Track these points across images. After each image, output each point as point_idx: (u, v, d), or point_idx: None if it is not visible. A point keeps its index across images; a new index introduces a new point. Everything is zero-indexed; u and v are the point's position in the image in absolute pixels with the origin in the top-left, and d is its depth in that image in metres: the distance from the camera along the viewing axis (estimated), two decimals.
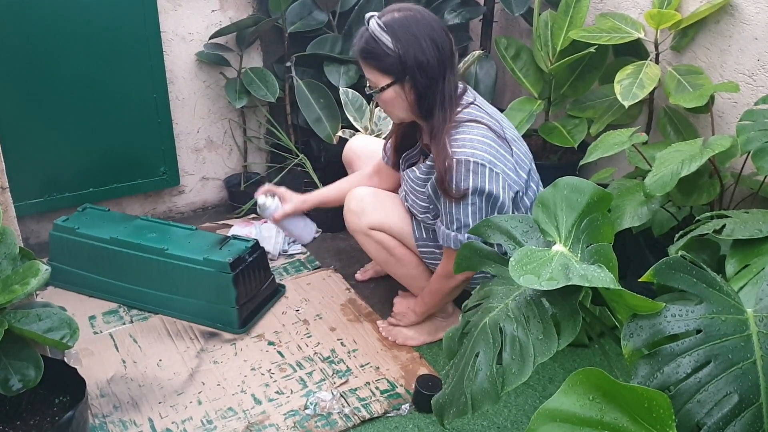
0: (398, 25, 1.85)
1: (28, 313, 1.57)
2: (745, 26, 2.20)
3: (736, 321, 1.15)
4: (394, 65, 1.87)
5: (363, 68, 1.95)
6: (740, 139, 1.85)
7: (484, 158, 1.87)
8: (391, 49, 1.85)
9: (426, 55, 1.85)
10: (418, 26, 1.86)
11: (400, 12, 1.87)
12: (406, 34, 1.85)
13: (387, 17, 1.87)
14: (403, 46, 1.84)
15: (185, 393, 2.05)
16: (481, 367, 1.28)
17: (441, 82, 1.90)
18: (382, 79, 1.91)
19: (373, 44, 1.87)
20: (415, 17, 1.87)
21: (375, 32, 1.86)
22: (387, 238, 2.17)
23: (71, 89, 2.62)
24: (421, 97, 1.91)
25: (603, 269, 1.20)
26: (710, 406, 1.08)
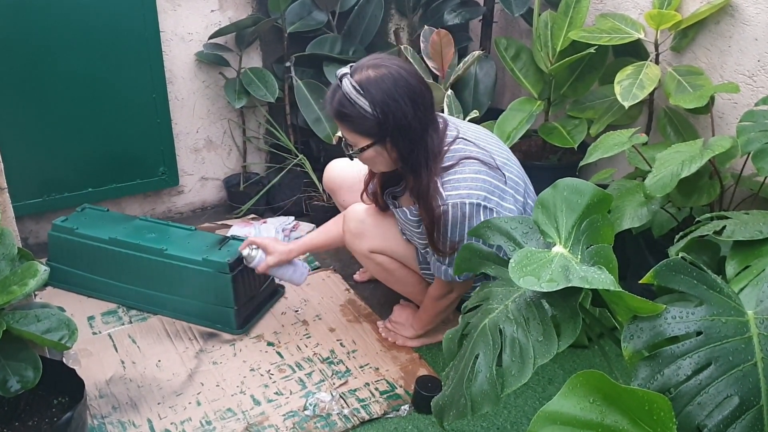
0: (375, 87, 1.74)
1: (27, 313, 1.57)
2: (745, 27, 2.19)
3: (737, 323, 1.15)
4: (372, 128, 1.77)
5: (339, 127, 1.85)
6: (740, 140, 1.85)
7: (479, 196, 1.82)
8: (369, 113, 1.75)
9: (407, 118, 1.76)
10: (395, 86, 1.74)
11: (376, 70, 1.75)
12: (383, 96, 1.74)
13: (361, 76, 1.75)
14: (382, 110, 1.74)
15: (184, 394, 2.05)
16: (481, 369, 1.28)
17: (424, 140, 1.81)
18: (360, 140, 1.82)
19: (349, 107, 1.76)
20: (391, 76, 1.75)
21: (350, 95, 1.75)
22: (388, 261, 2.15)
23: (70, 89, 2.62)
24: (405, 156, 1.83)
25: (603, 271, 1.20)
26: (711, 408, 1.08)
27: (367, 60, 1.80)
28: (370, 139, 1.80)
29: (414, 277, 2.19)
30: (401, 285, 2.24)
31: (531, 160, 2.84)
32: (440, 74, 2.65)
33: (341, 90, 1.76)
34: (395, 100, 1.74)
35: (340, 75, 1.77)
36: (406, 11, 3.17)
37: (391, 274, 2.19)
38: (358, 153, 1.85)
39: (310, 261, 2.74)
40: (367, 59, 1.80)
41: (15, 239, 1.65)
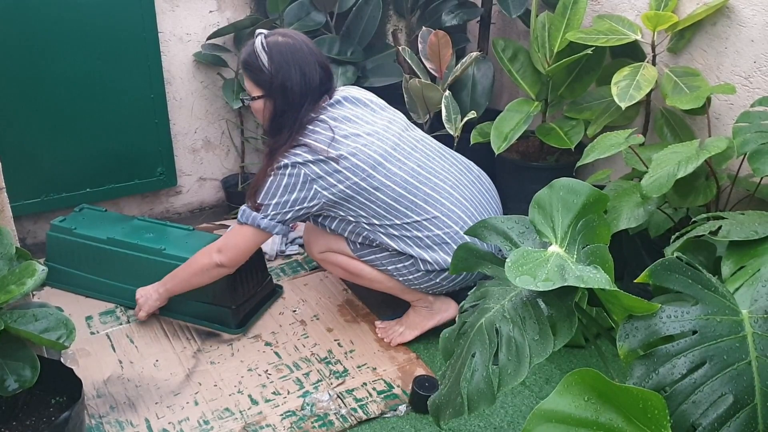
0: (276, 49, 2.03)
1: (25, 313, 1.57)
2: (741, 28, 2.20)
3: (732, 322, 1.16)
4: (264, 82, 2.05)
5: (243, 75, 2.13)
6: (736, 141, 1.86)
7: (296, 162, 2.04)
8: (266, 67, 2.03)
9: (291, 83, 2.03)
10: (294, 54, 2.04)
11: (284, 37, 2.06)
12: (280, 58, 2.03)
13: (271, 39, 2.05)
14: (275, 68, 2.02)
15: (182, 393, 2.05)
16: (477, 368, 1.28)
17: (297, 109, 2.06)
18: (254, 89, 2.09)
19: (253, 58, 2.05)
20: (295, 46, 2.05)
21: (257, 49, 2.04)
22: (337, 257, 2.26)
23: (69, 89, 2.62)
24: (276, 116, 2.08)
25: (599, 270, 1.20)
26: (705, 406, 1.09)
27: (284, 29, 2.14)
28: (260, 91, 2.08)
29: (365, 267, 2.24)
30: (362, 279, 2.28)
31: (528, 161, 2.85)
32: (438, 75, 2.65)
33: (253, 44, 2.06)
34: (288, 65, 2.03)
35: (258, 33, 2.07)
36: (404, 12, 3.18)
37: (346, 269, 2.27)
38: (249, 100, 2.12)
39: (308, 261, 2.75)
40: (286, 29, 2.16)
41: (13, 239, 1.66)
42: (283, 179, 2.03)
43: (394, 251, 2.15)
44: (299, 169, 2.02)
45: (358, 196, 2.06)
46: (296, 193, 2.03)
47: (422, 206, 2.10)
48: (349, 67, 2.92)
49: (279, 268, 2.70)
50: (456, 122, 2.54)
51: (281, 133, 2.07)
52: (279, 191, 2.04)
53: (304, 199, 2.04)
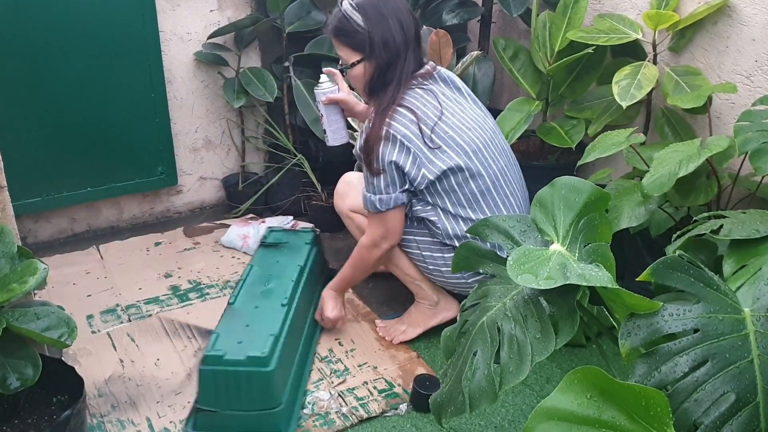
0: (369, 5, 1.99)
1: (26, 311, 1.57)
2: (742, 27, 2.20)
3: (734, 320, 1.15)
4: (363, 42, 2.00)
5: (336, 46, 2.07)
6: (738, 140, 1.86)
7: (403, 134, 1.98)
8: (361, 27, 1.98)
9: (392, 33, 1.99)
10: (386, 6, 2.00)
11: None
12: (375, 13, 1.98)
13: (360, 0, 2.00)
14: (372, 24, 1.98)
15: (183, 392, 2.05)
16: (479, 366, 1.28)
17: (402, 61, 2.02)
18: (352, 55, 2.03)
19: (345, 22, 2.00)
20: (389, 1, 2.00)
21: (347, 11, 1.99)
22: (365, 222, 2.20)
23: (70, 88, 2.62)
24: (381, 73, 2.03)
25: (600, 268, 1.20)
26: (707, 405, 1.09)
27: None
28: (360, 54, 2.02)
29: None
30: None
31: (529, 160, 2.85)
32: None
33: (341, 10, 2.01)
34: (384, 17, 1.99)
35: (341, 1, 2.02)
36: None
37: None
38: (349, 68, 2.05)
39: None
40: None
41: (14, 237, 1.66)
42: (394, 153, 1.99)
43: (439, 240, 2.11)
44: (408, 145, 1.97)
45: (453, 177, 2.03)
46: (407, 168, 2.00)
47: (500, 207, 2.09)
48: None
49: None
50: None
51: (386, 90, 2.03)
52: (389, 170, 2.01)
53: (413, 179, 2.02)
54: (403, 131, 1.98)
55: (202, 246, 2.82)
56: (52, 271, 2.51)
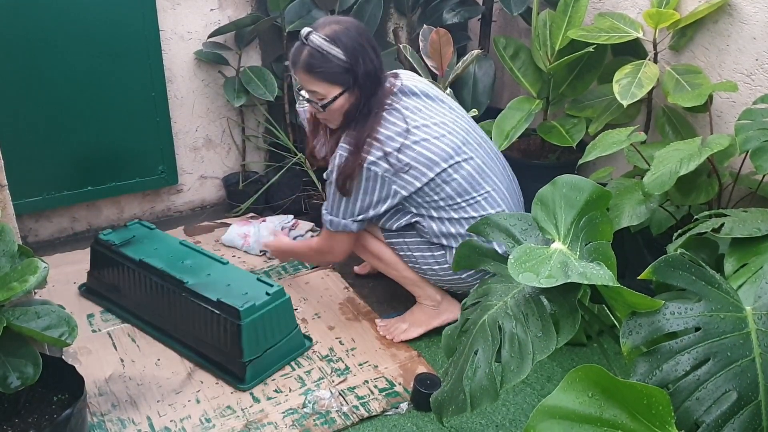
0: (345, 36, 1.93)
1: (27, 310, 1.57)
2: (743, 26, 2.20)
3: (735, 319, 1.15)
4: (343, 75, 1.95)
5: (306, 82, 1.99)
6: (739, 139, 1.86)
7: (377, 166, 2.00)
8: (342, 60, 1.93)
9: (373, 63, 1.98)
10: (360, 35, 1.96)
11: (339, 24, 1.96)
12: (353, 43, 1.94)
13: (328, 30, 1.94)
14: (353, 56, 1.93)
15: (183, 391, 2.05)
16: (480, 365, 1.28)
17: (381, 89, 2.02)
18: (332, 89, 1.97)
19: (321, 58, 1.93)
20: (354, 27, 1.97)
21: (322, 47, 1.92)
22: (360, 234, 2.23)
23: (70, 87, 2.62)
24: (362, 104, 2.00)
25: (602, 267, 1.20)
26: (709, 403, 1.09)
27: (324, 19, 2.01)
28: (341, 87, 1.97)
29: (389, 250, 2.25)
30: (379, 261, 2.29)
31: (530, 158, 2.85)
32: (439, 73, 2.65)
33: (310, 45, 1.93)
34: (363, 47, 1.95)
35: (306, 33, 1.93)
36: (405, 10, 3.18)
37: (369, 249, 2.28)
38: (330, 103, 1.98)
39: None
40: (323, 19, 2.01)
41: (15, 236, 1.66)
42: (361, 183, 2.03)
43: (427, 240, 2.15)
44: (375, 170, 2.00)
45: (426, 188, 2.06)
46: (377, 194, 2.04)
47: (482, 204, 2.11)
48: None
49: (280, 267, 2.70)
50: None
51: (367, 120, 2.01)
52: (359, 195, 2.05)
53: (386, 199, 2.05)
54: (378, 164, 2.00)
55: (202, 245, 2.81)
56: (53, 270, 2.51)
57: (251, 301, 2.04)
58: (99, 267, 2.42)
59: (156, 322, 2.27)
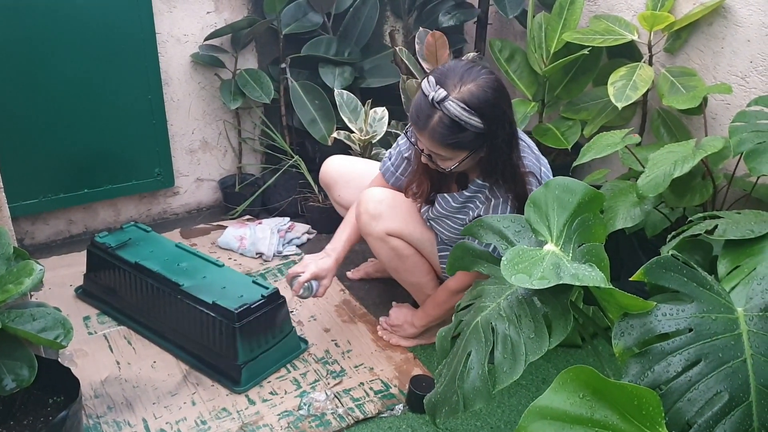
0: (484, 101, 1.71)
1: (22, 312, 1.57)
2: (737, 28, 2.21)
3: (727, 320, 1.16)
4: (476, 142, 1.76)
5: (430, 146, 1.79)
6: (733, 141, 1.86)
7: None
8: (480, 129, 1.73)
9: (513, 125, 1.81)
10: (497, 95, 1.73)
11: (476, 83, 1.72)
12: (493, 110, 1.73)
13: (466, 94, 1.70)
14: (493, 123, 1.74)
15: (179, 394, 2.05)
16: (473, 366, 1.29)
17: (518, 144, 1.86)
18: (458, 154, 1.79)
19: (456, 129, 1.72)
20: (492, 85, 1.73)
21: (461, 117, 1.70)
22: (403, 246, 2.11)
23: (66, 90, 2.62)
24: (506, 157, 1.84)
25: (594, 268, 1.21)
26: (700, 404, 1.09)
27: (456, 74, 1.74)
28: (469, 151, 1.79)
29: (425, 267, 2.16)
30: (409, 274, 2.17)
31: None
32: None
33: (445, 113, 1.71)
34: (503, 111, 1.75)
35: (440, 98, 1.70)
36: (401, 13, 3.18)
37: (404, 260, 2.13)
38: (456, 167, 1.82)
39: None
40: (454, 72, 1.74)
41: (11, 239, 1.66)
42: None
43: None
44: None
45: None
46: None
47: None
48: (347, 68, 2.93)
49: (276, 269, 2.71)
50: None
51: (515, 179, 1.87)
52: None
53: None
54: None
55: (198, 247, 2.81)
56: (49, 272, 2.52)
57: (247, 304, 2.03)
58: (95, 269, 2.42)
59: (152, 324, 2.27)
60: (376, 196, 2.10)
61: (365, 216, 2.09)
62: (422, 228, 2.12)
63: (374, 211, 2.08)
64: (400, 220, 2.09)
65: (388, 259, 2.15)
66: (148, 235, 2.45)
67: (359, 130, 2.71)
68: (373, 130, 2.71)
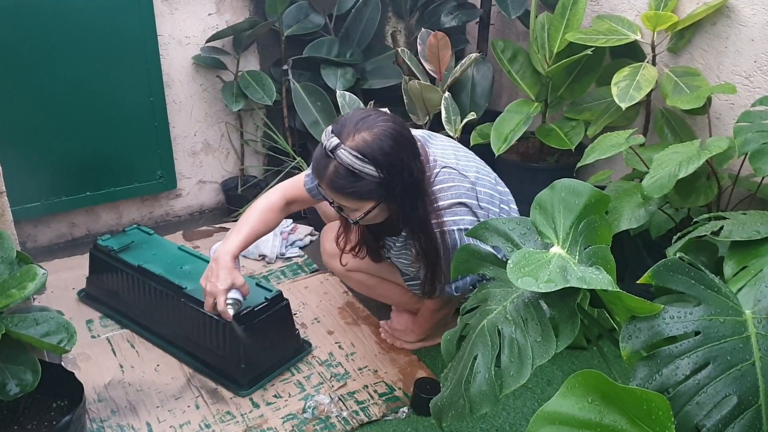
0: (379, 150, 1.66)
1: (26, 317, 1.57)
2: (741, 28, 2.20)
3: (735, 322, 1.15)
4: (378, 191, 1.71)
5: (332, 196, 1.75)
6: (737, 141, 1.86)
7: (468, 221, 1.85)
8: (376, 177, 1.67)
9: (412, 173, 1.72)
10: (396, 144, 1.68)
11: (371, 131, 1.67)
12: (389, 159, 1.67)
13: (359, 141, 1.65)
14: (388, 172, 1.67)
15: (183, 397, 2.04)
16: (480, 370, 1.28)
17: (423, 186, 1.78)
18: (363, 204, 1.74)
19: (352, 178, 1.67)
20: (390, 133, 1.68)
21: (353, 165, 1.65)
22: (366, 277, 2.22)
23: (68, 93, 2.62)
24: (410, 212, 1.79)
25: (601, 271, 1.20)
26: (709, 408, 1.08)
27: (352, 122, 1.70)
28: (375, 201, 1.74)
29: (396, 289, 2.22)
30: (385, 298, 2.31)
31: (528, 162, 2.85)
32: (437, 77, 2.65)
33: (339, 162, 1.66)
34: (400, 159, 1.69)
35: (332, 147, 1.66)
36: (403, 14, 3.18)
37: (373, 289, 2.26)
38: (363, 218, 1.77)
39: (309, 263, 2.74)
40: (350, 121, 1.70)
41: (14, 243, 1.66)
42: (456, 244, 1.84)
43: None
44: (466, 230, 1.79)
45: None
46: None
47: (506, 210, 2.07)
48: (349, 69, 2.92)
49: (279, 271, 2.70)
50: (455, 123, 2.54)
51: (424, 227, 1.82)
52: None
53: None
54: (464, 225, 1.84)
55: (201, 250, 2.81)
56: (52, 275, 2.51)
57: (250, 306, 2.03)
58: (98, 272, 2.41)
59: (155, 327, 2.26)
60: (331, 235, 2.16)
61: (325, 255, 2.26)
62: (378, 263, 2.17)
63: (332, 251, 2.17)
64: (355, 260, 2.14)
65: (359, 289, 2.30)
66: (150, 237, 2.45)
67: None
68: None
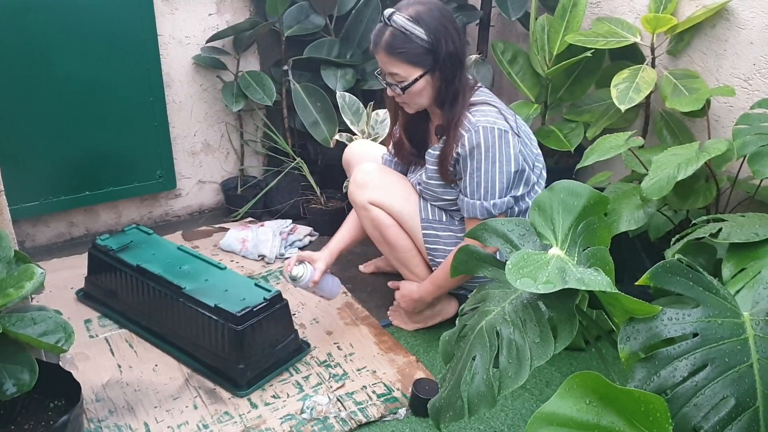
0: (428, 16, 1.91)
1: (23, 316, 1.57)
2: (740, 31, 2.20)
3: (733, 324, 1.15)
4: (425, 57, 1.93)
5: (386, 64, 1.97)
6: (736, 143, 1.86)
7: (505, 125, 1.98)
8: (425, 41, 1.90)
9: (455, 45, 1.93)
10: (443, 16, 1.93)
11: (423, 4, 1.93)
12: (436, 24, 1.91)
13: (412, 10, 1.91)
14: (435, 37, 1.90)
15: (181, 397, 2.04)
16: (478, 371, 1.28)
17: (464, 68, 2.00)
18: (412, 71, 1.95)
19: (403, 39, 1.91)
20: (439, 8, 1.94)
21: (405, 26, 1.90)
22: (383, 216, 2.20)
23: (68, 92, 2.62)
24: (449, 83, 1.97)
25: (599, 272, 1.20)
26: (707, 409, 1.08)
27: (407, 0, 1.96)
28: (422, 69, 1.94)
29: (405, 242, 2.22)
30: (391, 247, 2.24)
31: None
32: None
33: (392, 25, 1.91)
34: (446, 28, 1.92)
35: (389, 14, 1.92)
36: None
37: (384, 230, 2.21)
38: (410, 85, 1.96)
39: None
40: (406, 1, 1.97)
41: (12, 242, 1.65)
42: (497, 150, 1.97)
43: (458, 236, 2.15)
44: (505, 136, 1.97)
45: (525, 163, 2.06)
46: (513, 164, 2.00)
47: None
48: (349, 70, 2.92)
49: (278, 271, 2.70)
50: None
51: (457, 100, 1.99)
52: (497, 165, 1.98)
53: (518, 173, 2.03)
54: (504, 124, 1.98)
55: (200, 250, 2.81)
56: (50, 275, 2.51)
57: (249, 307, 2.03)
58: (96, 272, 2.41)
59: (153, 327, 2.26)
60: (366, 168, 2.24)
61: (353, 185, 2.24)
62: (404, 202, 2.20)
63: (361, 180, 2.21)
64: (383, 192, 2.19)
65: (370, 230, 2.25)
66: (149, 237, 2.45)
67: (361, 132, 2.71)
68: (375, 132, 2.70)
